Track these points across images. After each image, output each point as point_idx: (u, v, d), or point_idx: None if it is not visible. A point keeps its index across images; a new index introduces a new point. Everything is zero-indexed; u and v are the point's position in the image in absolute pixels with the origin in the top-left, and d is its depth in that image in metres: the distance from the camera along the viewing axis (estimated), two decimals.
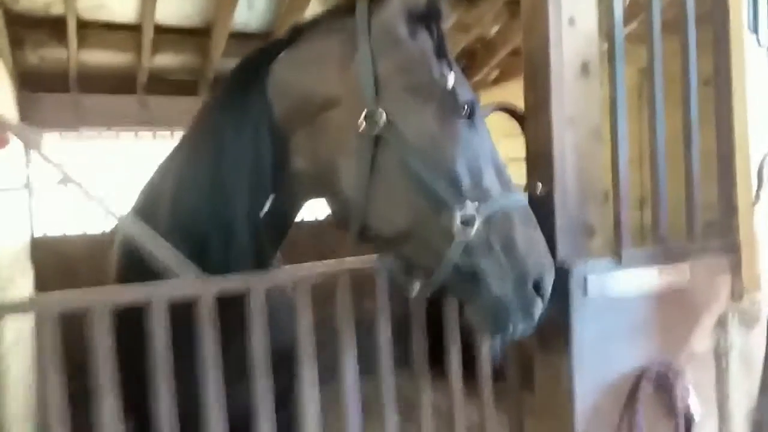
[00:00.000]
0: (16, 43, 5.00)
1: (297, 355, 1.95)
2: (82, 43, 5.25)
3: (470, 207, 1.64)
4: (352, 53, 1.75)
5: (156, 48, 5.61)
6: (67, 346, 1.65)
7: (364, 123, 1.67)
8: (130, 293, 1.77)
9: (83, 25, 5.14)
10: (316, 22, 1.91)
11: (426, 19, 1.74)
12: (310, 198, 2.03)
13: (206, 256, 1.87)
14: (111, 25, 5.35)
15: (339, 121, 1.74)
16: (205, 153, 1.88)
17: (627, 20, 2.39)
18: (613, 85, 2.24)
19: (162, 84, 6.19)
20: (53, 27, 5.05)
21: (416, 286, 1.79)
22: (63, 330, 1.63)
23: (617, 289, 2.21)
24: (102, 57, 5.63)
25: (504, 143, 2.21)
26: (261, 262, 1.96)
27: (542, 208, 2.21)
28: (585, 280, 2.13)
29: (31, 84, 5.60)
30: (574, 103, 2.19)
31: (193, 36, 5.72)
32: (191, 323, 1.77)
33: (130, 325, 1.72)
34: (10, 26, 4.75)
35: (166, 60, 5.96)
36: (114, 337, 1.67)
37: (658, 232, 2.38)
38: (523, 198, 1.78)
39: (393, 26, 1.76)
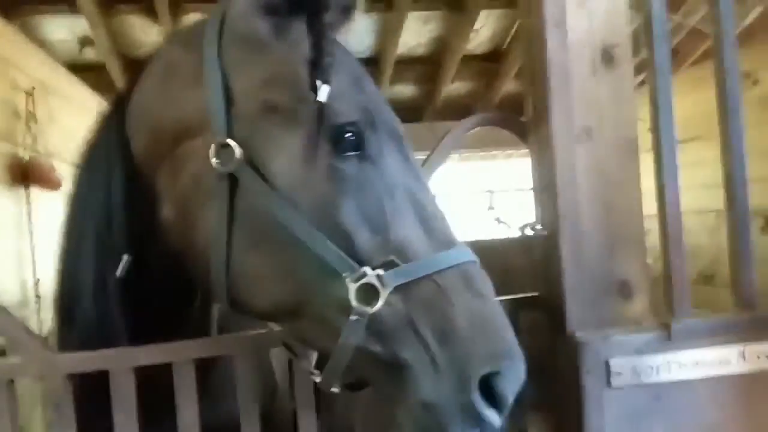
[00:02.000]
0: None
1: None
2: None
3: (369, 274, 1.13)
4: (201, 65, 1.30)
5: None
6: None
7: (215, 158, 1.22)
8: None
9: None
10: (177, 32, 1.47)
11: (299, 6, 1.26)
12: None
13: (70, 325, 1.49)
14: None
15: (195, 154, 1.29)
16: (68, 205, 1.52)
17: None
18: (653, 75, 1.54)
19: None
20: None
21: (320, 374, 1.26)
22: None
23: (666, 377, 1.48)
24: None
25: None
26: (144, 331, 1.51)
27: (546, 257, 1.57)
28: (607, 364, 1.44)
29: None
30: (589, 107, 1.53)
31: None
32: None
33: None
34: None
35: None
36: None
37: (742, 291, 1.60)
38: (466, 254, 1.20)
39: (248, 23, 1.30)
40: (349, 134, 1.20)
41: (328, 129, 1.19)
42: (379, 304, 1.12)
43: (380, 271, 1.13)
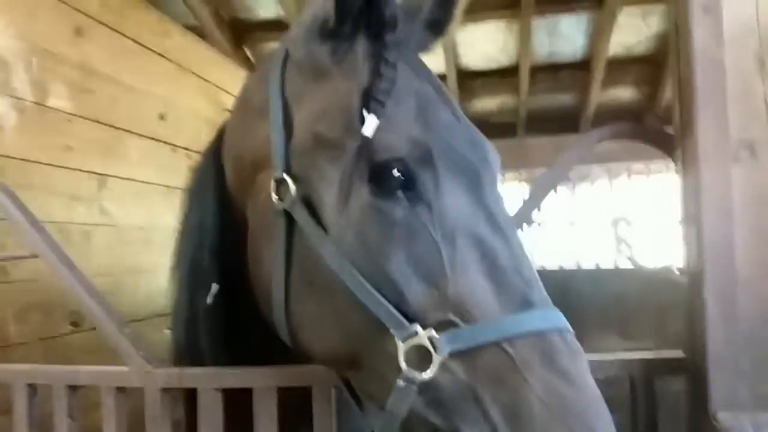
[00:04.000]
0: None
1: None
2: None
3: (421, 334, 0.97)
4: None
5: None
6: None
7: (275, 193, 1.15)
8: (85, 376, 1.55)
9: None
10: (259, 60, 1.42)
11: (359, 26, 1.12)
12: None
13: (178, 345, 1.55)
14: None
15: (263, 187, 1.23)
16: (177, 229, 1.57)
17: None
18: None
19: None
20: None
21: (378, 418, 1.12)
22: None
23: None
24: None
25: None
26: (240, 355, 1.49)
27: (690, 307, 1.24)
28: None
29: None
30: (751, 116, 1.16)
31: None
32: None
33: None
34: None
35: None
36: None
37: None
38: (550, 318, 0.99)
39: (308, 49, 1.19)
40: (394, 172, 1.03)
41: (369, 166, 1.04)
42: (432, 370, 0.95)
43: (434, 333, 0.96)
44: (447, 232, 1.01)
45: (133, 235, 2.94)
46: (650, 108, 6.27)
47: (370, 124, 1.04)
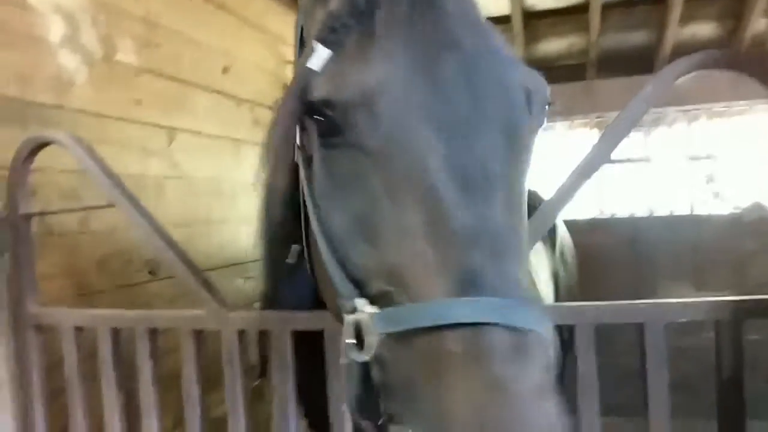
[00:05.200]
0: None
1: None
2: None
3: (360, 308, 0.87)
4: None
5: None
6: None
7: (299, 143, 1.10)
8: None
9: None
10: None
11: None
12: None
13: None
14: None
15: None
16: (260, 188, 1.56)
17: None
18: None
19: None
20: None
21: None
22: None
23: None
24: None
25: None
26: None
27: None
28: None
29: None
30: None
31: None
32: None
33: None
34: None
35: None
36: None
37: None
38: (493, 308, 0.76)
39: None
40: (327, 114, 0.92)
41: (303, 106, 0.95)
42: (368, 352, 0.84)
43: (372, 309, 0.85)
44: (392, 186, 0.87)
45: (203, 187, 3.01)
46: (733, 45, 5.83)
47: (319, 56, 0.94)
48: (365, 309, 0.85)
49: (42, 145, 1.77)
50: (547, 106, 1.02)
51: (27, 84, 2.05)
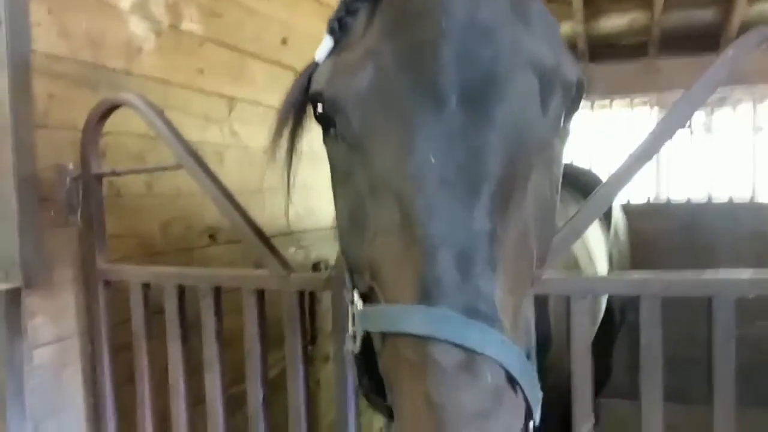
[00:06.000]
0: None
1: None
2: None
3: (354, 302, 0.94)
4: None
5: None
6: None
7: None
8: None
9: None
10: None
11: None
12: None
13: None
14: None
15: None
16: None
17: None
18: None
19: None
20: None
21: None
22: None
23: None
24: None
25: None
26: None
27: None
28: None
29: None
30: None
31: None
32: None
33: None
34: None
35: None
36: None
37: None
38: (440, 321, 0.73)
39: None
40: (319, 107, 0.93)
41: (304, 97, 1.00)
42: (356, 346, 0.90)
43: (359, 304, 0.90)
44: (372, 184, 0.86)
45: (261, 156, 3.06)
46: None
47: (324, 47, 0.95)
48: (356, 302, 0.90)
49: (114, 107, 1.84)
50: (574, 91, 0.91)
51: (98, 49, 2.12)
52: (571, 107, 0.92)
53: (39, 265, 1.85)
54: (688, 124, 1.26)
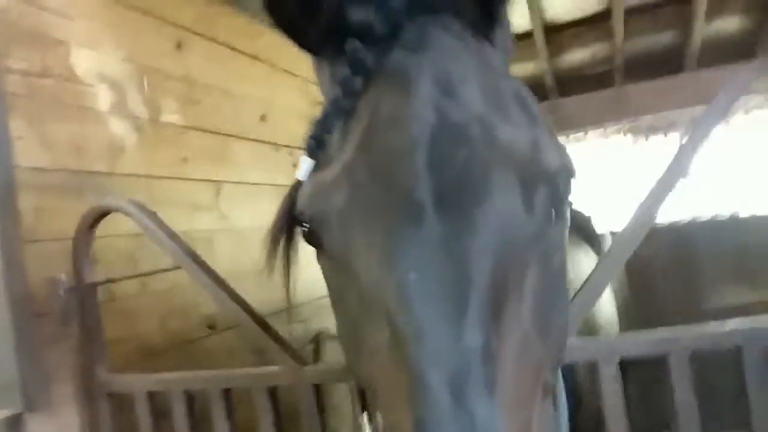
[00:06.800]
0: None
1: None
2: None
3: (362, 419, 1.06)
4: None
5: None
6: None
7: None
8: None
9: None
10: None
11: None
12: None
13: None
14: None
15: None
16: None
17: None
18: None
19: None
20: None
21: None
22: None
23: None
24: None
25: None
26: None
27: None
28: None
29: None
30: None
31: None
32: None
33: None
34: None
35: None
36: None
37: None
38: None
39: None
40: (303, 226, 0.91)
41: (291, 218, 0.97)
42: None
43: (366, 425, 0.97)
44: (362, 301, 0.83)
45: (251, 235, 3.03)
46: (763, 37, 5.70)
47: (304, 166, 0.91)
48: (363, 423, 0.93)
49: (105, 213, 1.80)
50: (559, 179, 0.85)
51: (81, 155, 2.10)
52: (562, 193, 0.87)
53: (39, 386, 1.78)
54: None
